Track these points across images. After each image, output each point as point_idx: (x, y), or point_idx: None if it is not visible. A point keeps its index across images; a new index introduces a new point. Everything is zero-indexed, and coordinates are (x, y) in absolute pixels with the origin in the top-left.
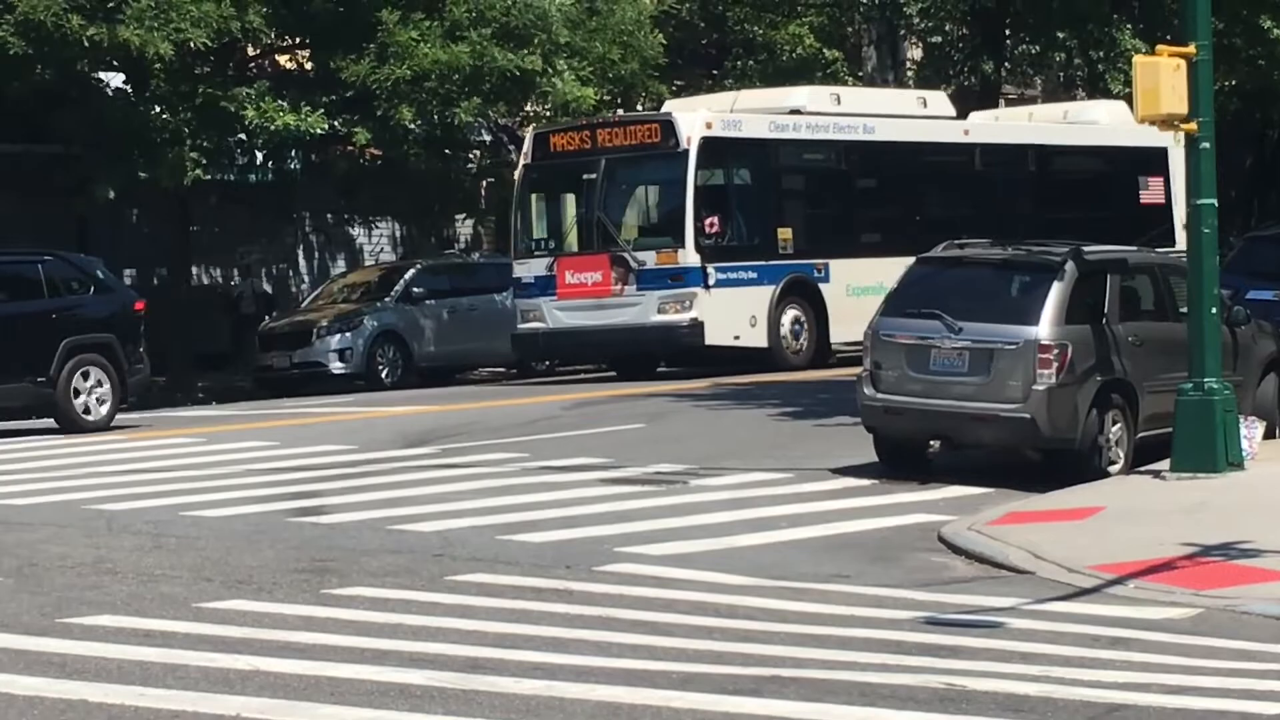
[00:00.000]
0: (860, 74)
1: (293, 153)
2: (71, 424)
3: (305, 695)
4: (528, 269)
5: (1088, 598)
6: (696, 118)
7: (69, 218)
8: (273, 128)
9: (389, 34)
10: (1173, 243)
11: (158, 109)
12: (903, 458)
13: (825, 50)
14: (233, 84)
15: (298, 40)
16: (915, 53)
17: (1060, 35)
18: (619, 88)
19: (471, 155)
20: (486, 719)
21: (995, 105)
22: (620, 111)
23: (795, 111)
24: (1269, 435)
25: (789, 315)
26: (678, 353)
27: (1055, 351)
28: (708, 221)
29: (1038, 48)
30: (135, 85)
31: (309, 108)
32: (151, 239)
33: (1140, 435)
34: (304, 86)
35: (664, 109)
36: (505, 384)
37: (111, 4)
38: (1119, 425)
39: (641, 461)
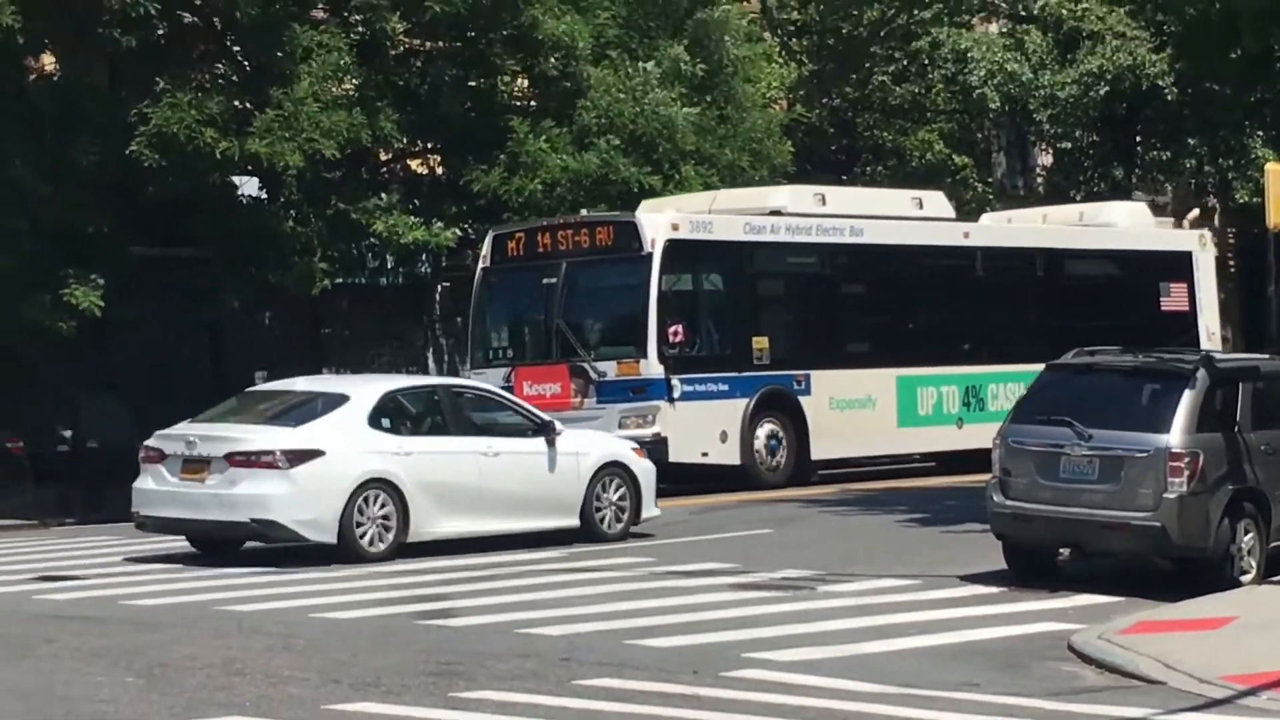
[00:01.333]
0: (990, 180)
1: (423, 258)
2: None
3: None
4: (484, 380)
5: (1220, 708)
6: (661, 219)
7: (203, 321)
8: (402, 241)
9: (519, 143)
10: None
11: (289, 218)
12: (1032, 565)
13: (954, 156)
14: (365, 190)
15: (429, 145)
16: (1045, 158)
17: (1191, 142)
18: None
19: None
20: None
21: None
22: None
23: (776, 212)
24: None
25: (764, 430)
26: None
27: (1186, 460)
28: (671, 330)
29: (1168, 154)
30: (269, 193)
31: (439, 221)
32: (284, 341)
33: (1273, 545)
34: (435, 193)
35: (639, 210)
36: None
37: (244, 115)
38: (1251, 534)
39: (769, 567)
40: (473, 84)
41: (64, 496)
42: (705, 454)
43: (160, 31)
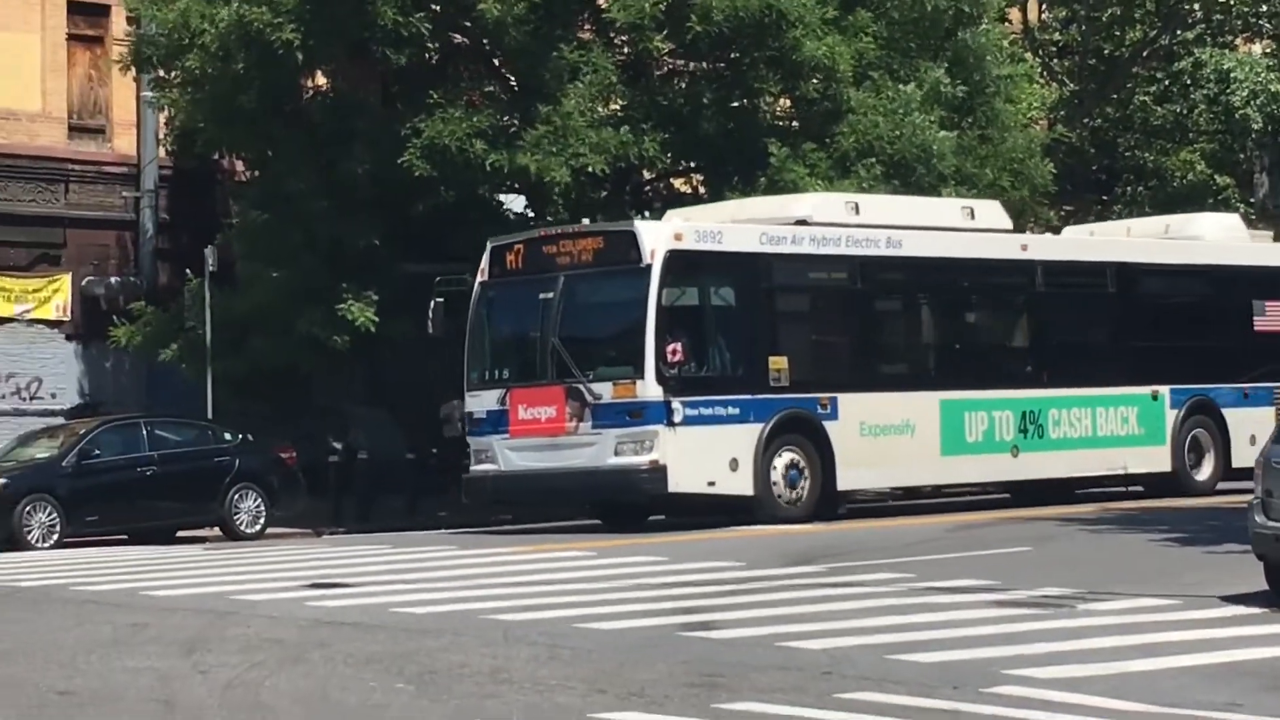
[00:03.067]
0: (1252, 200)
1: None
2: None
3: None
4: (480, 402)
5: None
6: (663, 228)
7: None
8: None
9: (778, 169)
10: None
11: None
12: None
13: (1216, 177)
14: (628, 208)
15: (691, 165)
16: None
17: None
18: (1009, 213)
19: None
20: None
21: None
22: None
23: (801, 222)
24: None
25: (783, 459)
26: (640, 501)
27: None
28: (670, 349)
29: None
30: (534, 209)
31: None
32: None
33: None
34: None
35: (665, 218)
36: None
37: (513, 130)
38: None
39: (1028, 584)
40: (734, 105)
41: (336, 506)
42: (712, 483)
43: (431, 50)
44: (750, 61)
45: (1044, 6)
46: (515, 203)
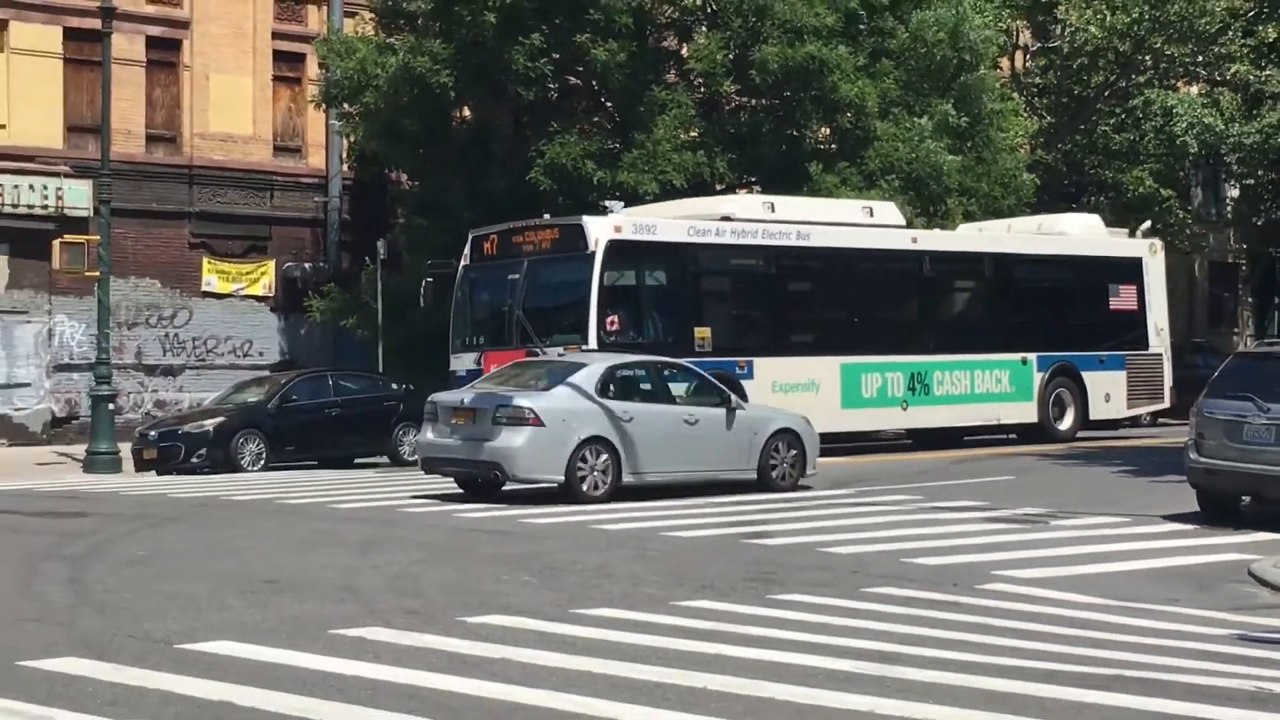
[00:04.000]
0: (1189, 208)
1: None
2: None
3: (756, 675)
4: (461, 363)
5: None
6: (606, 222)
7: None
8: None
9: (817, 183)
10: (1145, 347)
11: None
12: (1219, 509)
13: (1161, 190)
14: None
15: (751, 180)
16: (1234, 192)
17: None
18: (998, 219)
19: None
20: (894, 699)
21: None
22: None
23: (726, 218)
24: None
25: None
26: None
27: None
28: (609, 320)
29: None
30: None
31: None
32: None
33: None
34: None
35: (609, 214)
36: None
37: (614, 153)
38: None
39: (1012, 505)
40: (786, 133)
41: None
42: None
43: (552, 89)
44: (798, 100)
45: (1027, 56)
46: (616, 208)
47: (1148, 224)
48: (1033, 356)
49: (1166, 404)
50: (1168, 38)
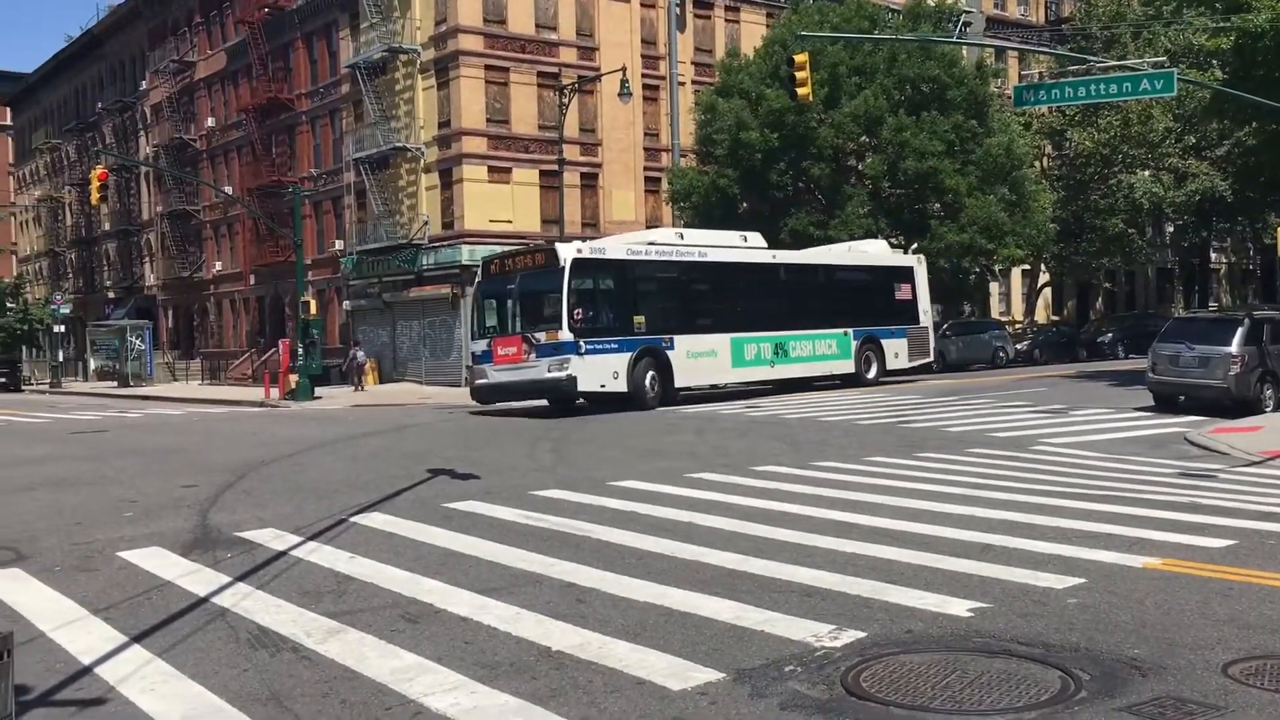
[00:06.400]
0: (1144, 239)
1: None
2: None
3: (913, 495)
4: (478, 346)
5: (1258, 466)
6: (570, 248)
7: None
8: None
9: (933, 233)
10: (918, 323)
11: None
12: (1166, 404)
13: (1129, 230)
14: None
15: (898, 233)
16: (1170, 228)
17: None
18: (1033, 250)
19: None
20: (984, 509)
21: None
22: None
23: (651, 243)
24: None
25: (646, 372)
26: (565, 396)
27: (1239, 358)
28: (576, 312)
29: (1226, 225)
30: None
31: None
32: None
33: None
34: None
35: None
36: (976, 370)
37: (824, 222)
38: (1270, 389)
39: (1046, 403)
40: (915, 206)
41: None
42: (603, 385)
43: (790, 190)
44: (920, 187)
45: (1050, 159)
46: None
47: (916, 245)
48: (850, 330)
49: (931, 359)
50: (1131, 145)
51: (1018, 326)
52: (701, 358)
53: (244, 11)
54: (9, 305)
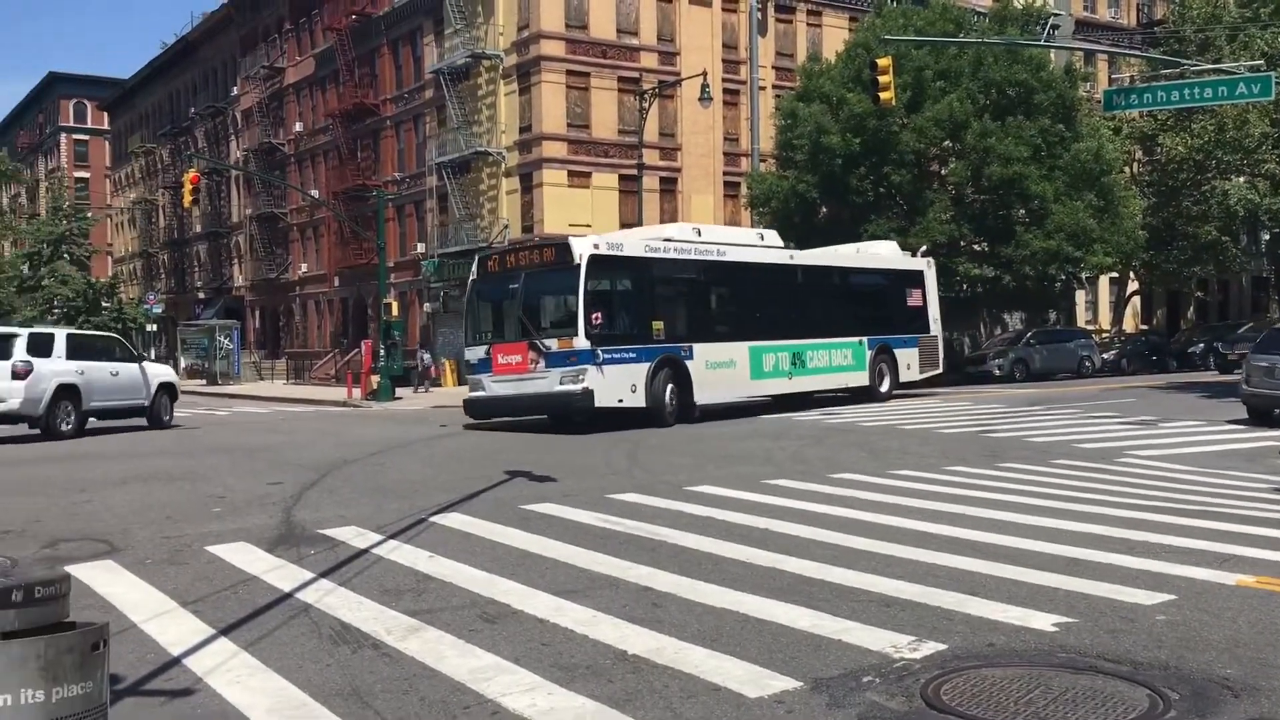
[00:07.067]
0: (1239, 247)
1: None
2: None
3: (992, 505)
4: (474, 353)
5: None
6: (586, 241)
7: None
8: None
9: (1019, 239)
10: (928, 331)
11: None
12: (1260, 417)
13: (1223, 238)
14: (960, 261)
15: (981, 239)
16: (1266, 236)
17: None
18: (1121, 258)
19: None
20: (1071, 521)
21: None
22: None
23: (668, 239)
24: None
25: (663, 383)
26: (579, 412)
27: None
28: (594, 316)
29: None
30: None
31: (984, 267)
32: None
33: None
34: (981, 258)
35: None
36: (1061, 380)
37: (905, 228)
38: None
39: (1135, 414)
40: (1000, 212)
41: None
42: (620, 400)
43: (870, 196)
44: (1005, 193)
45: (1140, 165)
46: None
47: (925, 247)
48: (865, 339)
49: (940, 370)
50: (1225, 150)
51: (1105, 336)
52: (720, 368)
53: (332, 18)
54: (104, 305)
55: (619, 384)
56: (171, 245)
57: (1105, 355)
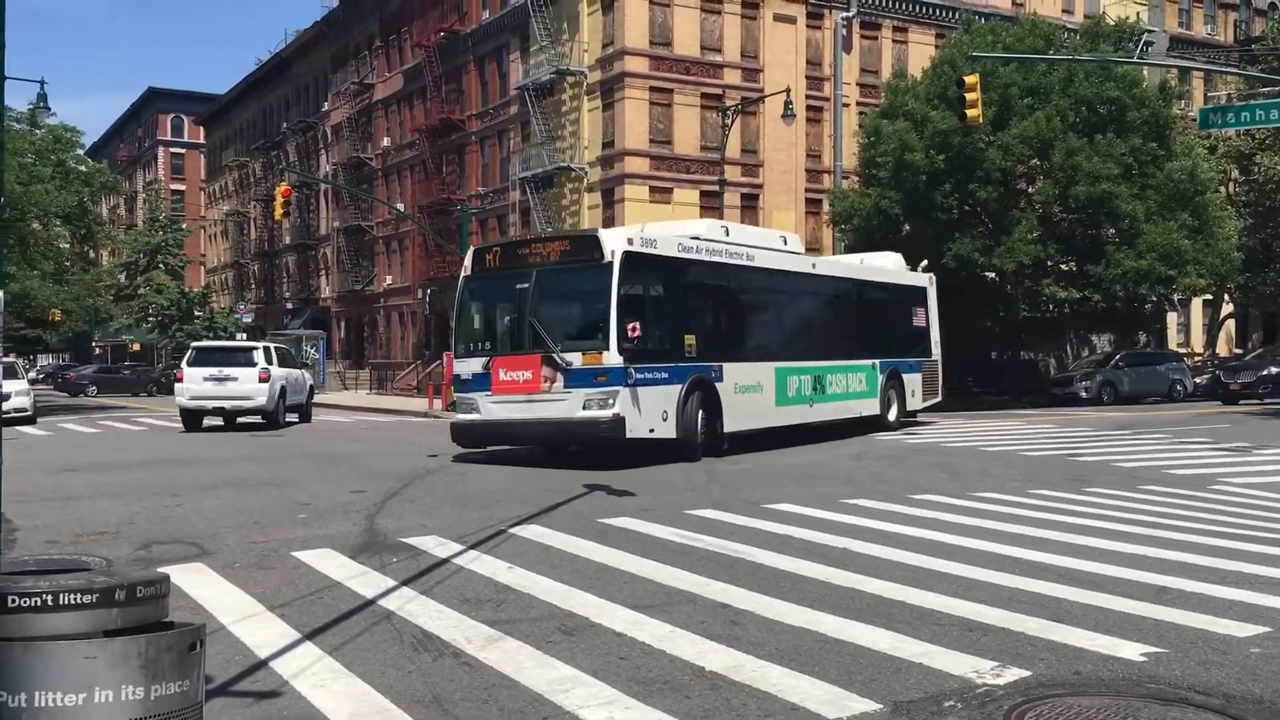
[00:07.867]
0: None
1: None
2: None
3: (1081, 530)
4: (466, 367)
5: None
6: (619, 234)
7: None
8: (1059, 296)
9: (1109, 259)
10: (930, 355)
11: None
12: None
13: None
14: (1047, 282)
15: (1069, 259)
16: None
17: None
18: (1216, 279)
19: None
20: (1158, 548)
21: None
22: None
23: (696, 238)
24: None
25: (694, 409)
26: (605, 444)
27: None
28: (630, 326)
29: None
30: (1001, 281)
31: (1071, 288)
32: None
33: None
34: (1068, 278)
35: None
36: (1151, 404)
37: (990, 247)
38: None
39: (1228, 440)
40: (1089, 233)
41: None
42: (652, 430)
43: (955, 213)
44: (1094, 212)
45: (1236, 185)
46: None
47: (925, 262)
48: (877, 362)
49: (940, 398)
50: None
51: (1197, 359)
52: (748, 393)
53: (421, 36)
54: (197, 313)
55: (651, 410)
56: (262, 256)
57: (1198, 379)
